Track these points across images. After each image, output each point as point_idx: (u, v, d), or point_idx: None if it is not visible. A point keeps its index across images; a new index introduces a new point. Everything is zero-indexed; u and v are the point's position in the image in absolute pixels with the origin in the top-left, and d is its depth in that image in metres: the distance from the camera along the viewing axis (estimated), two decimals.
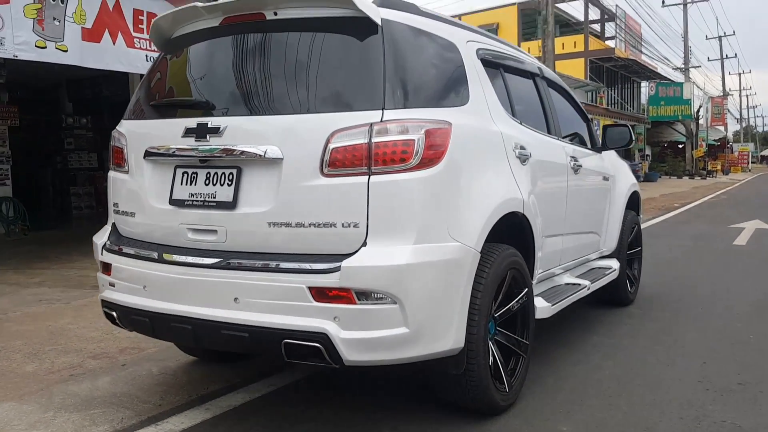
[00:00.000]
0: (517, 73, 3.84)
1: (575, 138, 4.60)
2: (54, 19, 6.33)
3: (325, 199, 2.55)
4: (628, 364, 3.90)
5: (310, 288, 2.50)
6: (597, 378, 3.66)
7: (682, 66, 39.34)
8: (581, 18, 33.62)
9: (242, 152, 2.66)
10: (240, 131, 2.70)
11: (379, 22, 2.70)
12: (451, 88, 2.97)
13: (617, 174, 5.25)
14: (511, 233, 3.22)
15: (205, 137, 2.74)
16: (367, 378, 3.66)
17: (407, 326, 2.52)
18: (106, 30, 6.94)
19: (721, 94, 51.25)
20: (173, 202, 2.87)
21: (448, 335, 2.68)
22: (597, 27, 36.36)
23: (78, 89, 13.35)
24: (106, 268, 3.10)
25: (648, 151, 38.39)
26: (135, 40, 7.33)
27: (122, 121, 3.24)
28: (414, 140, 2.55)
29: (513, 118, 3.45)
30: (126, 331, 4.52)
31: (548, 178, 3.76)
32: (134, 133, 3.11)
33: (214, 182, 2.76)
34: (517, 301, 3.22)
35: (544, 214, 3.60)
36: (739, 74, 68.97)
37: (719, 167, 43.47)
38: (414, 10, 3.01)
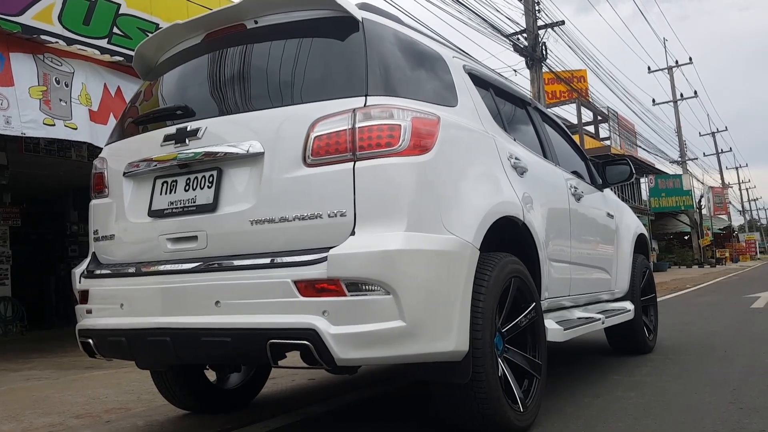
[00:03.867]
0: (508, 98, 3.79)
1: (573, 175, 4.51)
2: (60, 100, 6.43)
3: (310, 190, 2.42)
4: (653, 395, 3.60)
5: (295, 282, 2.31)
6: (620, 406, 3.36)
7: (679, 159, 39.94)
8: (575, 121, 34.45)
9: (224, 153, 2.57)
10: (220, 131, 2.62)
11: (360, 18, 2.68)
12: (437, 89, 2.91)
13: (621, 214, 5.12)
14: (514, 247, 3.06)
15: (185, 141, 2.66)
16: (368, 424, 3.39)
17: (403, 319, 2.31)
18: (111, 114, 7.04)
19: (721, 184, 51.76)
20: (152, 213, 2.74)
21: (449, 335, 2.45)
22: (591, 128, 37.20)
23: (84, 198, 13.44)
24: (84, 296, 2.92)
25: (654, 245, 38.21)
26: None
27: (103, 148, 3.18)
28: (400, 125, 2.45)
29: (506, 133, 3.37)
30: (114, 395, 4.29)
31: (549, 198, 3.62)
32: (114, 154, 3.03)
33: (194, 186, 2.65)
34: (525, 316, 3.00)
35: (548, 234, 3.44)
36: (737, 168, 69.94)
37: (728, 255, 43.14)
38: (397, 20, 3.01)
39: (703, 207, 40.39)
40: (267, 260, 2.39)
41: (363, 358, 2.32)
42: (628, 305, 4.81)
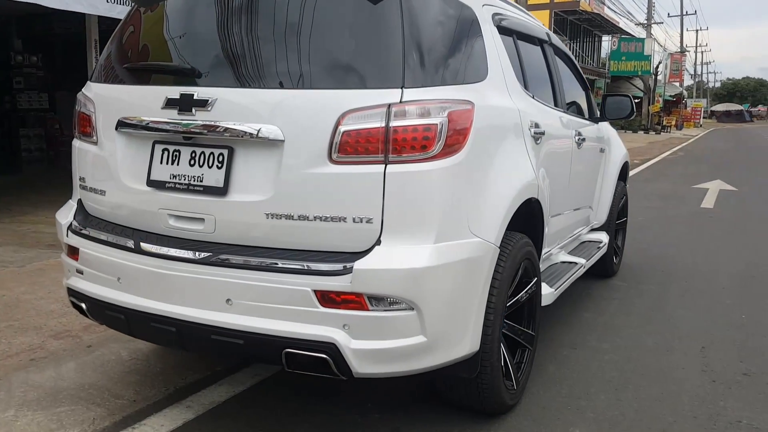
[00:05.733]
0: (528, 40, 3.51)
1: (572, 106, 4.33)
2: None
3: (334, 190, 2.23)
4: (626, 349, 3.76)
5: (316, 291, 2.20)
6: (598, 365, 3.51)
7: (645, 22, 39.28)
8: None
9: (236, 132, 2.30)
10: (232, 106, 2.33)
11: None
12: (470, 61, 2.64)
13: (611, 146, 5.05)
14: (522, 219, 2.97)
15: (190, 111, 2.36)
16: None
17: (425, 334, 2.25)
18: None
19: (679, 50, 51.60)
20: (152, 183, 2.49)
21: (464, 340, 2.43)
22: None
23: (28, 26, 12.38)
24: (73, 251, 2.72)
25: None
26: None
27: (89, 83, 2.82)
28: (437, 125, 2.24)
29: (526, 92, 3.15)
30: None
31: (557, 157, 3.50)
32: (104, 98, 2.70)
33: (201, 163, 2.40)
34: (525, 292, 2.99)
35: (552, 196, 3.36)
36: (697, 31, 69.46)
37: (674, 122, 44.11)
38: None
39: (659, 73, 40.52)
40: (285, 263, 2.23)
41: (380, 372, 2.28)
42: (604, 237, 4.89)
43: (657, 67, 39.69)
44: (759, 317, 4.42)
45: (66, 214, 2.82)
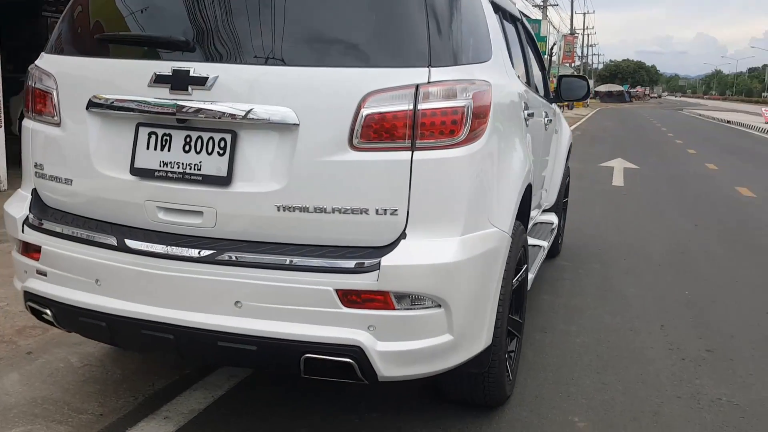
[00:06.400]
0: (508, 18, 3.41)
1: (533, 91, 4.29)
2: None
3: (355, 179, 2.03)
4: (593, 331, 3.80)
5: (338, 291, 2.00)
6: (573, 349, 3.51)
7: (541, 3, 40.56)
8: None
9: (242, 115, 2.04)
10: (237, 85, 2.07)
11: None
12: (479, 39, 2.50)
13: (561, 127, 5.08)
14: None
15: (186, 89, 2.08)
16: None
17: (451, 332, 2.12)
18: None
19: (570, 32, 53.77)
20: (136, 171, 2.18)
21: (482, 335, 2.31)
22: None
23: None
24: (30, 249, 2.36)
25: None
26: None
27: (44, 54, 2.44)
28: (464, 107, 2.08)
29: (514, 71, 3.06)
30: (14, 299, 3.74)
31: (536, 139, 3.44)
32: (68, 75, 2.33)
33: (198, 149, 2.12)
34: (517, 279, 2.91)
35: (533, 179, 3.30)
36: (584, 14, 72.64)
37: (566, 103, 45.98)
38: None
39: (554, 54, 42.02)
40: (302, 261, 2.02)
41: (405, 375, 2.13)
42: (554, 218, 4.92)
43: (552, 48, 41.11)
44: (700, 293, 4.62)
45: (19, 206, 2.43)
